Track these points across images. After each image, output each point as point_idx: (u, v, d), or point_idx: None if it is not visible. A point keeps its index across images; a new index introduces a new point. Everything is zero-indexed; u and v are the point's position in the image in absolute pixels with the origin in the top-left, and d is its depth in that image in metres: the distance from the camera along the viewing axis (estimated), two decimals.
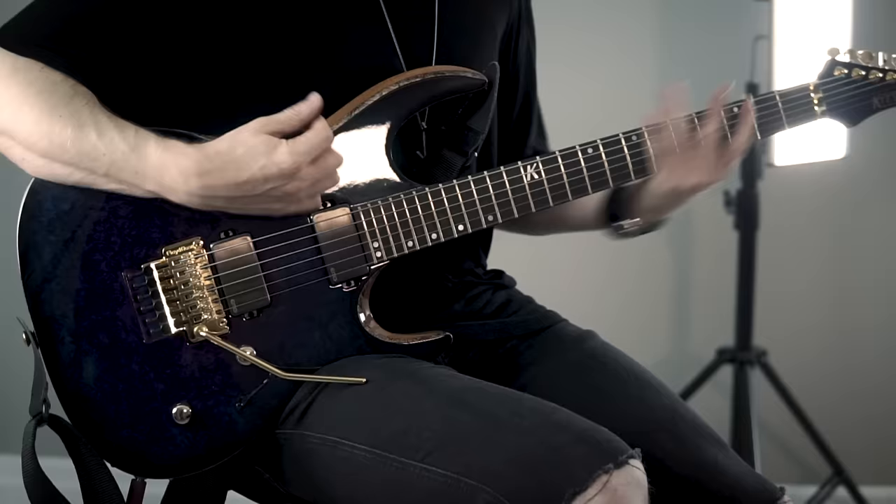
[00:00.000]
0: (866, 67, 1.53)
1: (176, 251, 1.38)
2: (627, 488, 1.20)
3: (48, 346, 1.37)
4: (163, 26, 1.38)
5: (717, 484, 1.38)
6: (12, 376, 1.93)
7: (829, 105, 1.53)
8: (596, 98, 2.90)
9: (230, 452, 1.40)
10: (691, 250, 3.05)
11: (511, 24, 1.65)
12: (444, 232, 1.43)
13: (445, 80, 1.45)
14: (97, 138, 1.32)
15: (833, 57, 1.54)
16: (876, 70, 1.53)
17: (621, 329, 1.95)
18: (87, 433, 1.37)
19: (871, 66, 1.53)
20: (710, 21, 2.91)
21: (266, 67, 1.43)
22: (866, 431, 2.98)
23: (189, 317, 1.38)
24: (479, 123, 1.48)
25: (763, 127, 1.51)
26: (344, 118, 1.42)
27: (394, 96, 1.43)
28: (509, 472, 1.22)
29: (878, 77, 1.53)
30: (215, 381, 1.39)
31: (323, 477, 1.38)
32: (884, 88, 1.53)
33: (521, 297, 1.66)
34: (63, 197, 1.36)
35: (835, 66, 1.54)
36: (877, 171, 2.92)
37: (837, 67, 1.54)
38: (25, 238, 1.37)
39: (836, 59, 1.54)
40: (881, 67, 1.53)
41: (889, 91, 1.53)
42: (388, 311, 1.48)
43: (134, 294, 1.37)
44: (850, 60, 1.54)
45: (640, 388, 1.49)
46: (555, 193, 1.46)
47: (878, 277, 2.99)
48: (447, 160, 1.48)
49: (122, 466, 1.39)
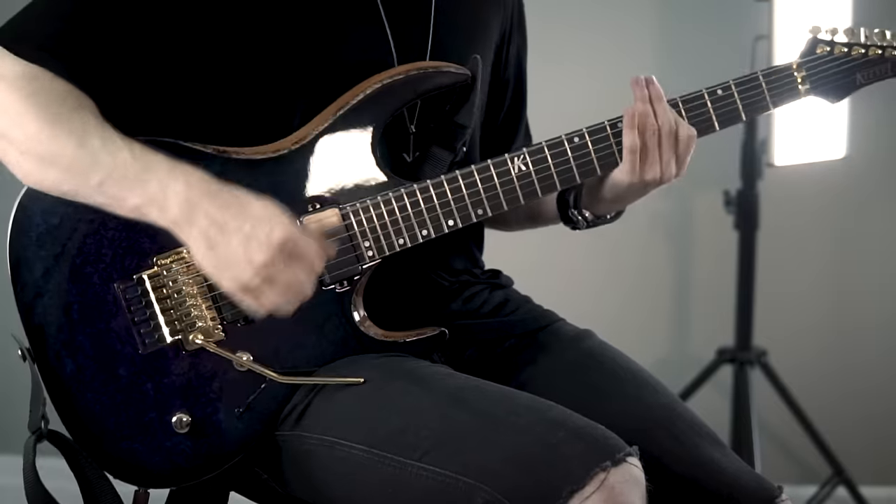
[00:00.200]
0: (848, 44, 1.54)
1: (167, 260, 1.37)
2: (625, 486, 1.20)
3: (44, 362, 1.36)
4: (161, 25, 1.38)
5: (715, 482, 1.38)
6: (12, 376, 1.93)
7: (812, 83, 1.53)
8: (595, 98, 2.88)
9: (231, 459, 1.40)
10: (691, 250, 3.04)
11: (504, 28, 1.65)
12: (435, 228, 1.43)
13: (428, 76, 1.45)
14: (101, 146, 1.30)
15: (815, 35, 1.55)
16: (858, 46, 1.54)
17: (621, 329, 1.95)
18: (86, 446, 1.37)
19: (854, 42, 1.54)
20: (710, 21, 2.91)
21: (264, 66, 1.43)
22: (866, 431, 2.98)
23: (184, 325, 1.38)
24: (465, 118, 1.48)
25: (748, 108, 1.51)
26: (329, 118, 1.42)
27: (378, 95, 1.43)
28: (507, 470, 1.22)
29: (861, 53, 1.54)
30: (213, 388, 1.39)
31: (321, 477, 1.38)
32: (866, 64, 1.54)
33: (518, 296, 1.66)
34: (52, 211, 1.35)
35: (817, 44, 1.54)
36: (877, 170, 2.92)
37: (820, 45, 1.54)
38: (16, 253, 1.36)
39: (818, 37, 1.54)
40: (863, 43, 1.54)
41: (872, 66, 1.54)
42: (386, 311, 1.48)
43: (127, 305, 1.36)
44: (832, 38, 1.54)
45: (637, 386, 1.49)
46: (543, 185, 1.46)
47: (878, 277, 2.99)
48: (436, 157, 1.48)
49: (124, 478, 1.39)
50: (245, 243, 1.27)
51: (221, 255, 1.28)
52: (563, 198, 1.61)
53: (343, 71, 1.44)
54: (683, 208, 2.99)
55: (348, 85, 1.43)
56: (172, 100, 1.43)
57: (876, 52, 1.53)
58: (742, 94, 1.50)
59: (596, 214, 1.59)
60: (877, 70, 1.54)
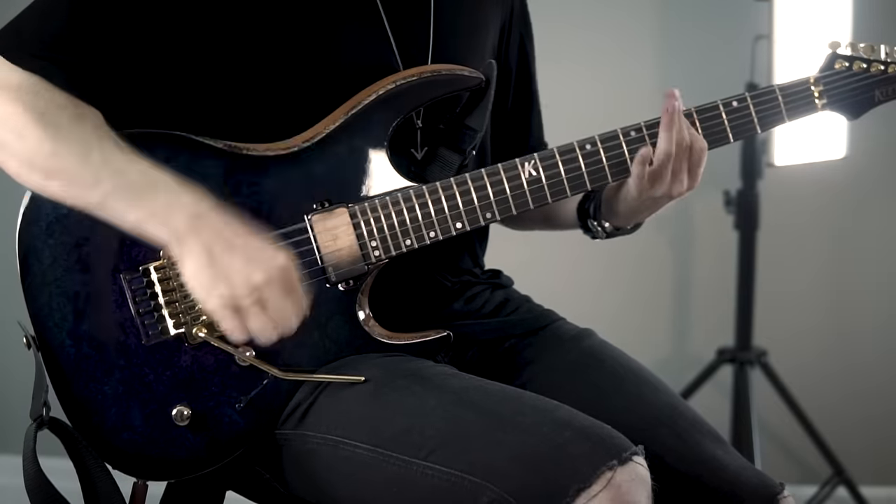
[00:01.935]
0: (868, 60, 1.53)
1: None
2: (632, 485, 1.20)
3: (48, 350, 1.36)
4: (163, 24, 1.37)
5: (718, 479, 1.38)
6: (12, 376, 1.93)
7: (830, 98, 1.53)
8: (595, 98, 2.90)
9: (231, 453, 1.40)
10: (691, 250, 3.04)
11: (504, 22, 1.65)
12: (443, 230, 1.43)
13: (442, 79, 1.45)
14: (101, 162, 1.30)
15: (834, 50, 1.54)
16: (878, 63, 1.53)
17: (621, 329, 1.95)
18: (87, 436, 1.37)
19: (873, 59, 1.53)
20: (710, 21, 2.91)
21: (263, 66, 1.43)
22: (866, 431, 2.98)
23: (188, 318, 1.38)
24: (476, 122, 1.48)
25: (763, 121, 1.51)
26: (341, 118, 1.42)
27: (390, 96, 1.43)
28: (513, 469, 1.22)
29: (880, 70, 1.53)
30: (215, 382, 1.39)
31: (324, 477, 1.38)
32: (886, 81, 1.53)
33: (518, 296, 1.66)
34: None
35: (836, 59, 1.54)
36: (877, 170, 2.92)
37: (838, 60, 1.54)
38: (25, 243, 1.36)
39: (838, 52, 1.54)
40: (883, 60, 1.53)
41: (891, 83, 1.53)
42: (388, 310, 1.48)
43: (133, 296, 1.37)
44: (851, 53, 1.54)
45: (638, 385, 1.49)
46: (553, 190, 1.45)
47: (878, 278, 2.99)
48: (445, 159, 1.48)
49: (124, 469, 1.39)
50: (248, 261, 1.28)
51: (220, 270, 1.28)
52: (584, 207, 1.62)
53: (346, 69, 1.45)
54: (683, 208, 2.99)
55: (352, 83, 1.44)
56: (178, 98, 1.43)
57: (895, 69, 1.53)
58: (758, 107, 1.50)
59: (615, 226, 1.59)
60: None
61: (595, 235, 1.63)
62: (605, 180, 1.47)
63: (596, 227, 1.61)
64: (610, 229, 1.60)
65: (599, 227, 1.60)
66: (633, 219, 1.58)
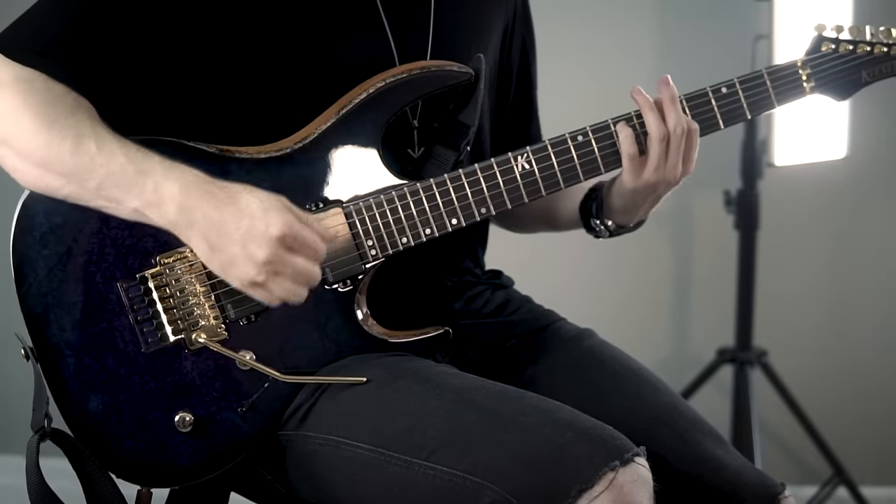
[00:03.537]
0: (854, 42, 1.53)
1: (170, 259, 1.37)
2: (634, 485, 1.20)
3: (47, 360, 1.36)
4: (162, 25, 1.38)
5: (718, 479, 1.38)
6: (14, 376, 1.93)
7: (817, 81, 1.53)
8: (595, 97, 2.88)
9: (234, 458, 1.40)
10: (691, 250, 3.05)
11: (507, 25, 1.65)
12: (438, 226, 1.43)
13: (432, 75, 1.45)
14: (96, 150, 1.30)
15: (820, 33, 1.54)
16: (864, 44, 1.53)
17: (621, 329, 1.95)
18: (90, 445, 1.37)
19: (859, 40, 1.53)
20: (710, 21, 2.91)
21: (263, 65, 1.43)
22: (866, 431, 2.98)
23: (187, 324, 1.38)
24: (468, 117, 1.48)
25: (752, 106, 1.51)
26: (332, 118, 1.42)
27: (381, 94, 1.43)
28: (515, 469, 1.22)
29: (867, 51, 1.53)
30: (216, 388, 1.39)
31: (326, 478, 1.38)
32: (872, 61, 1.54)
33: (519, 296, 1.66)
34: (55, 211, 1.35)
35: (822, 42, 1.54)
36: (877, 171, 2.92)
37: (825, 43, 1.54)
38: (19, 253, 1.36)
39: (823, 35, 1.54)
40: (869, 41, 1.53)
41: (877, 64, 1.54)
42: (389, 311, 1.48)
43: (130, 304, 1.37)
44: (837, 35, 1.54)
45: (638, 384, 1.49)
46: (546, 183, 1.45)
47: (878, 278, 2.99)
48: (440, 155, 1.48)
49: (127, 477, 1.39)
50: (244, 243, 1.28)
51: (224, 257, 1.29)
52: (586, 207, 1.62)
53: (344, 70, 1.44)
54: (683, 208, 2.99)
55: (349, 84, 1.43)
56: (174, 99, 1.43)
57: (881, 49, 1.53)
58: (746, 93, 1.50)
59: (617, 223, 1.59)
60: (882, 68, 1.54)
61: (598, 235, 1.63)
62: (598, 171, 1.47)
63: (599, 225, 1.61)
64: (613, 227, 1.60)
65: (602, 226, 1.60)
66: (632, 213, 1.57)
